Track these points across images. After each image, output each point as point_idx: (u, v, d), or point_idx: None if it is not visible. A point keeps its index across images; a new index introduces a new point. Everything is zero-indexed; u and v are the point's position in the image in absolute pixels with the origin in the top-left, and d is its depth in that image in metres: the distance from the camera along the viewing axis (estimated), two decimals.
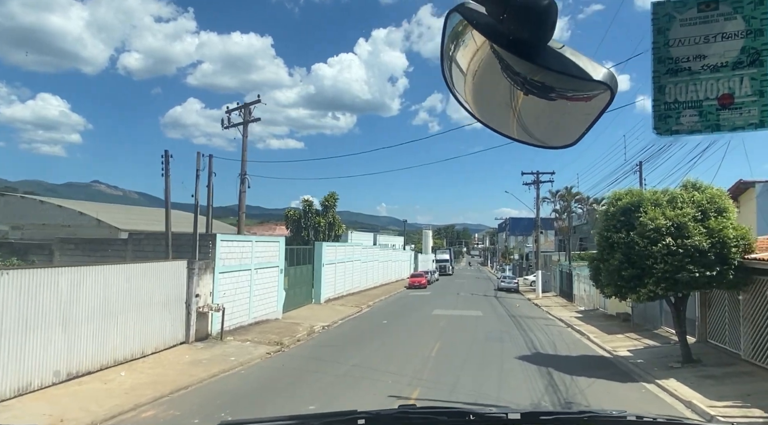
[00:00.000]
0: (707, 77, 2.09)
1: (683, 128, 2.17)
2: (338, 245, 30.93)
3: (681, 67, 2.11)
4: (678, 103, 2.14)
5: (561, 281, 36.65)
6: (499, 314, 25.30)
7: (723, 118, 2.10)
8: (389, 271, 48.85)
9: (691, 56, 2.11)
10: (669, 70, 2.15)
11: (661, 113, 2.20)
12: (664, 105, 2.18)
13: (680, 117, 2.15)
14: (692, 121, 2.13)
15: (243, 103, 19.93)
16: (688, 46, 2.10)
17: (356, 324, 21.32)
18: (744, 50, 2.04)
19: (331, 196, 31.86)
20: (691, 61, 2.10)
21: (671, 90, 2.14)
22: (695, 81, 2.11)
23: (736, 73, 2.05)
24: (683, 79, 2.13)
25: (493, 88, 1.09)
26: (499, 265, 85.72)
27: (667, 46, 2.15)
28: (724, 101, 2.08)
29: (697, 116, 2.11)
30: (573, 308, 28.69)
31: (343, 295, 31.49)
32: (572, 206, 43.89)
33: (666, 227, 11.37)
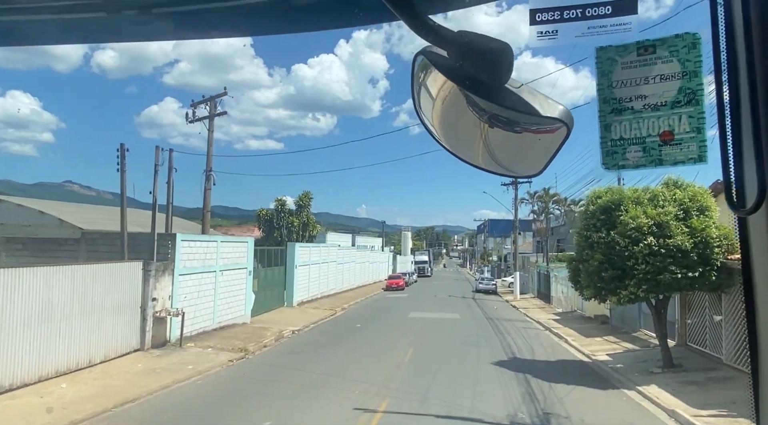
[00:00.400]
0: (649, 116, 2.25)
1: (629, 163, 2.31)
2: (312, 246, 30.01)
3: (624, 107, 2.29)
4: (623, 140, 2.30)
5: (539, 282, 36.41)
6: (476, 316, 24.75)
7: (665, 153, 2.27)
8: (366, 273, 48.07)
9: (633, 96, 2.28)
10: (613, 109, 2.31)
11: (608, 149, 2.34)
12: (611, 142, 2.34)
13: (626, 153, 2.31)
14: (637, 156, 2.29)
15: (209, 97, 18.86)
16: (630, 87, 2.28)
17: (328, 328, 20.47)
18: (681, 90, 2.22)
19: (305, 195, 30.90)
20: (633, 101, 2.27)
21: (616, 128, 2.30)
22: (638, 119, 2.27)
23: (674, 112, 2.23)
24: (627, 117, 2.29)
25: (460, 121, 1.14)
26: (478, 267, 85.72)
27: (611, 88, 2.31)
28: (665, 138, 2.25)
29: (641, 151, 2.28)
30: (551, 310, 28.35)
31: (318, 298, 30.58)
32: (550, 207, 43.80)
33: (647, 226, 10.88)
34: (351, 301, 31.33)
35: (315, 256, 30.24)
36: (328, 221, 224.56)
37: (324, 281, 32.54)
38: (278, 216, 29.71)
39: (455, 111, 1.12)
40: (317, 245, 31.11)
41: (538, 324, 22.67)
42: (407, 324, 21.17)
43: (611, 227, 11.66)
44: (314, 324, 21.13)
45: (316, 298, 30.16)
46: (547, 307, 30.57)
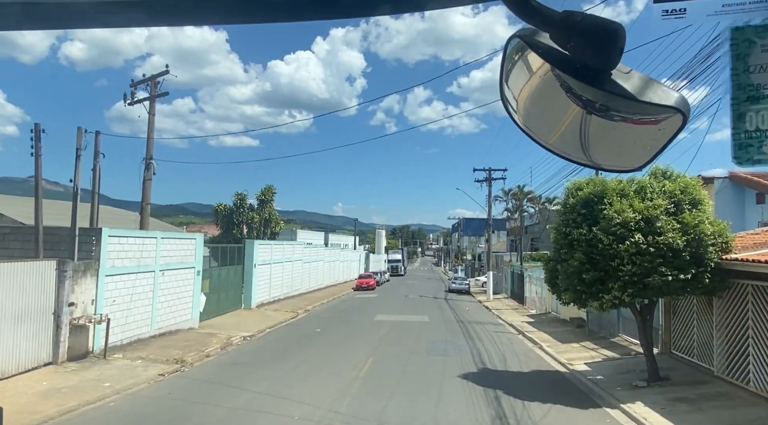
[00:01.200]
0: None
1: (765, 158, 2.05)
2: (275, 244, 28.15)
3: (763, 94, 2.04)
4: (760, 132, 2.05)
5: (512, 282, 35.34)
6: (446, 319, 23.34)
7: None
8: (336, 272, 46.33)
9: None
10: (749, 97, 2.04)
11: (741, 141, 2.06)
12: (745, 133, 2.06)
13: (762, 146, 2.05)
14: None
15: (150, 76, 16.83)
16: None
17: (285, 333, 18.73)
18: None
19: (267, 190, 28.93)
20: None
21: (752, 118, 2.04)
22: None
23: None
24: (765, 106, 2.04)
25: (553, 110, 1.05)
26: (452, 266, 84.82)
27: (748, 73, 2.05)
28: None
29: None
30: (524, 312, 27.20)
31: (280, 299, 28.74)
32: (524, 206, 42.87)
33: (634, 221, 9.54)
34: (317, 302, 29.61)
35: (278, 254, 28.38)
36: (303, 220, 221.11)
37: (288, 281, 30.70)
38: (237, 212, 27.67)
39: (548, 99, 1.02)
40: (280, 243, 29.24)
41: (511, 327, 21.39)
42: (372, 328, 19.59)
43: (593, 222, 10.30)
44: (270, 329, 19.36)
45: (278, 299, 28.31)
46: (520, 308, 29.44)
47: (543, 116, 1.10)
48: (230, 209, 27.61)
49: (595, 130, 1.02)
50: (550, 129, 1.11)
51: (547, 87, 1.00)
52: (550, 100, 1.02)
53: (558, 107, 1.01)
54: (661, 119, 0.95)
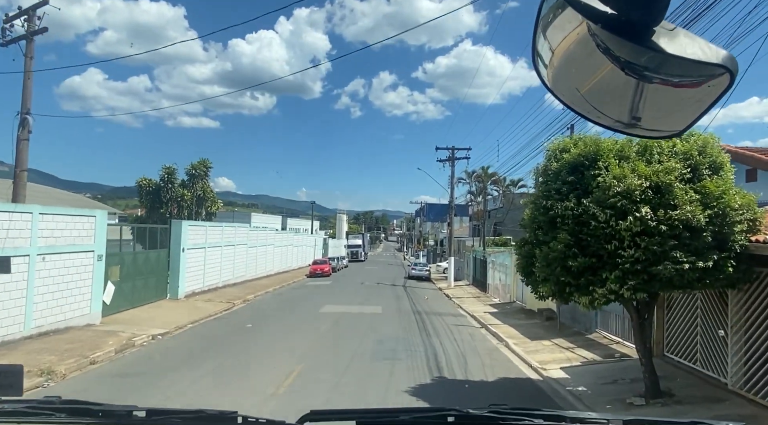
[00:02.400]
0: None
1: None
2: (211, 226, 24.88)
3: None
4: None
5: (474, 268, 33.32)
6: (402, 309, 20.88)
7: None
8: (290, 258, 43.27)
9: None
10: None
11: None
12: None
13: None
14: None
15: (25, 9, 13.23)
16: None
17: (209, 329, 15.76)
18: None
19: (201, 163, 25.41)
20: None
21: None
22: None
23: None
24: None
25: (586, 72, 1.00)
26: (414, 251, 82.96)
27: None
28: None
29: None
30: (487, 301, 25.10)
31: (218, 287, 25.58)
32: (488, 189, 40.88)
33: (640, 190, 7.12)
34: (261, 290, 26.63)
35: (215, 237, 25.13)
36: (265, 204, 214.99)
37: (229, 267, 27.51)
38: (165, 188, 24.12)
39: (582, 59, 0.97)
40: (217, 225, 25.96)
41: (472, 318, 19.13)
42: (314, 322, 16.86)
43: (583, 193, 7.85)
44: (193, 324, 16.34)
45: (215, 288, 25.15)
46: (482, 296, 27.38)
47: (574, 77, 1.04)
48: (157, 186, 24.05)
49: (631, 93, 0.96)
50: (581, 91, 1.05)
51: (581, 47, 0.95)
52: (583, 61, 0.97)
53: (592, 69, 0.96)
54: (704, 80, 0.91)
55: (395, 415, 1.50)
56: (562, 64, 1.01)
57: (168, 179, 23.80)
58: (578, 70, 1.00)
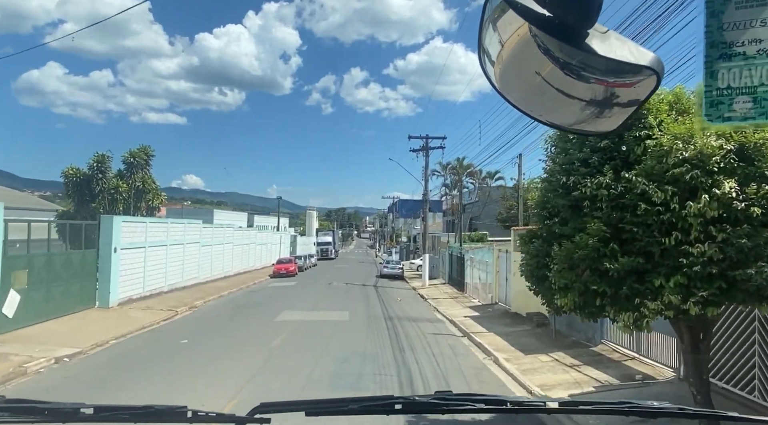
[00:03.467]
0: (763, 62, 1.97)
1: (736, 115, 2.02)
2: (153, 222, 21.73)
3: (735, 52, 2.02)
4: (731, 90, 2.01)
5: (451, 266, 31.09)
6: (372, 315, 18.35)
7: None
8: (252, 256, 40.21)
9: (747, 40, 2.00)
10: (722, 55, 2.04)
11: (713, 99, 2.03)
12: (716, 91, 2.04)
13: (733, 104, 2.01)
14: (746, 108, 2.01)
15: None
16: (743, 29, 2.00)
17: (133, 347, 12.88)
18: None
19: (141, 151, 22.18)
20: (746, 46, 2.00)
21: (724, 76, 2.03)
22: (750, 66, 1.99)
23: None
24: (737, 64, 2.01)
25: (529, 72, 1.04)
26: (386, 248, 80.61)
27: (721, 30, 2.04)
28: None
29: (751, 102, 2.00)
30: (466, 302, 22.83)
31: (163, 292, 22.50)
32: (464, 181, 38.78)
33: (721, 154, 4.76)
34: (214, 294, 23.69)
35: (157, 235, 22.01)
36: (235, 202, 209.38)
37: (177, 268, 24.42)
38: (96, 179, 20.80)
39: (526, 60, 1.01)
40: (161, 221, 22.81)
41: (452, 325, 16.78)
42: (266, 335, 14.16)
43: (624, 164, 5.48)
44: (117, 340, 13.44)
45: (160, 292, 22.07)
46: (460, 297, 25.11)
47: (519, 77, 1.07)
48: (86, 176, 20.72)
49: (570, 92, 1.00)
50: (525, 91, 1.09)
51: (524, 48, 0.97)
52: (526, 62, 1.00)
53: (535, 69, 1.00)
54: (636, 81, 0.95)
55: (344, 404, 1.49)
56: (508, 64, 1.03)
57: (99, 168, 20.51)
58: (523, 70, 1.03)
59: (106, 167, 20.93)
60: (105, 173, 20.86)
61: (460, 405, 1.50)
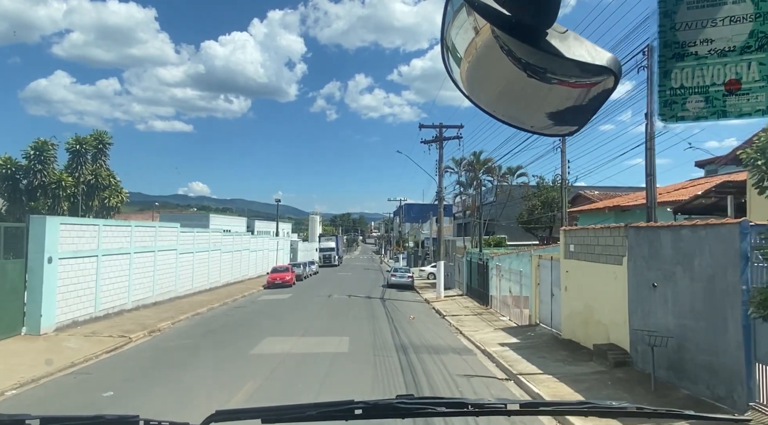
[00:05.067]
0: (714, 62, 2.01)
1: (689, 114, 2.07)
2: (108, 225, 17.70)
3: (687, 52, 2.06)
4: (684, 89, 2.06)
5: (470, 275, 26.87)
6: (379, 344, 14.18)
7: (730, 104, 2.01)
8: (246, 264, 36.22)
9: (698, 41, 2.04)
10: (675, 54, 2.08)
11: (666, 99, 2.08)
12: (670, 91, 2.09)
13: (686, 103, 2.06)
14: (698, 107, 2.06)
15: None
16: (695, 29, 2.03)
17: (33, 401, 8.80)
18: (753, 34, 1.95)
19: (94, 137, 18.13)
20: (697, 46, 2.04)
21: (677, 75, 2.06)
22: (702, 66, 2.04)
23: (743, 58, 1.98)
24: (689, 64, 2.05)
25: (493, 73, 1.04)
26: (393, 254, 76.40)
27: (674, 30, 2.07)
28: (731, 87, 2.00)
29: (703, 102, 2.04)
30: (493, 320, 18.61)
31: (125, 310, 18.48)
32: (481, 178, 34.54)
33: None
34: (189, 312, 19.65)
35: (116, 241, 18.00)
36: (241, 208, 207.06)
37: (145, 281, 20.40)
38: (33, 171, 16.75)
39: (489, 61, 1.00)
40: (121, 224, 18.72)
41: (486, 358, 12.60)
42: (231, 381, 10.05)
43: None
44: (19, 390, 9.42)
45: (119, 311, 18.04)
46: (485, 313, 20.88)
47: (485, 80, 1.06)
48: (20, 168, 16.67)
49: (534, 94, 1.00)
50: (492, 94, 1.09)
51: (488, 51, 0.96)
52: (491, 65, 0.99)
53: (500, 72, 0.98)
54: (595, 81, 0.95)
55: (302, 411, 1.44)
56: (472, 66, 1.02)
57: (38, 158, 16.51)
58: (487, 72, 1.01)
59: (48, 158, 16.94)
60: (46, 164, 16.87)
61: (421, 409, 1.47)
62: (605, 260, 11.25)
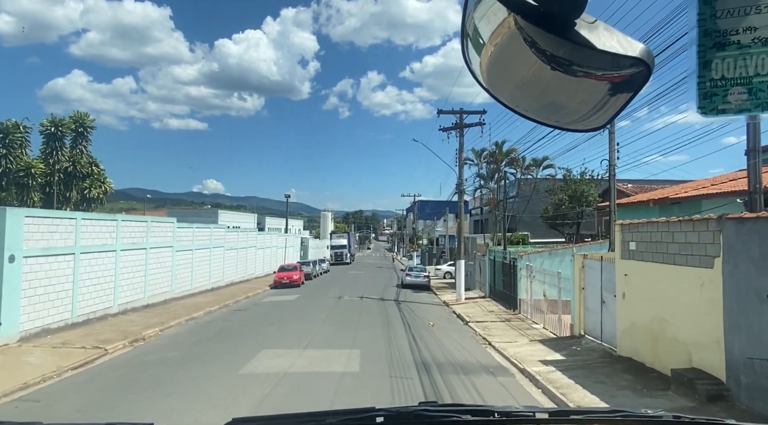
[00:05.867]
0: (758, 51, 1.86)
1: (731, 107, 1.94)
2: (88, 218, 15.67)
3: (729, 41, 1.91)
4: (725, 80, 1.93)
5: (493, 275, 24.46)
6: (396, 359, 11.93)
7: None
8: (252, 262, 34.26)
9: (741, 28, 1.88)
10: (716, 43, 1.92)
11: (706, 90, 1.95)
12: (710, 82, 1.95)
13: (728, 95, 1.94)
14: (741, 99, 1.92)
15: None
16: (738, 17, 1.86)
17: None
18: None
19: (76, 118, 15.99)
20: (740, 34, 1.87)
21: (718, 66, 1.92)
22: (745, 56, 1.89)
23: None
24: (731, 53, 1.90)
25: (515, 65, 0.98)
26: (406, 251, 74.09)
27: (714, 18, 1.90)
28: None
29: (746, 93, 1.91)
30: (525, 328, 16.24)
31: (110, 314, 16.48)
32: (503, 170, 32.01)
33: None
34: (183, 316, 17.63)
35: (98, 237, 15.98)
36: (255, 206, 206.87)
37: (135, 281, 18.41)
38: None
39: (511, 53, 0.95)
40: (105, 218, 16.67)
41: (528, 382, 10.27)
42: (211, 405, 7.88)
43: None
44: None
45: (103, 315, 16.04)
46: (513, 319, 18.49)
47: (507, 74, 1.02)
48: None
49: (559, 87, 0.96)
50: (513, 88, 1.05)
51: (510, 43, 0.93)
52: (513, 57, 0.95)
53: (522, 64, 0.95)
54: (624, 73, 0.91)
55: (321, 418, 1.39)
56: (494, 59, 0.98)
57: (3, 142, 14.43)
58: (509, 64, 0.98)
59: (14, 141, 14.92)
60: (12, 148, 14.86)
61: (445, 417, 1.42)
62: (685, 262, 8.85)
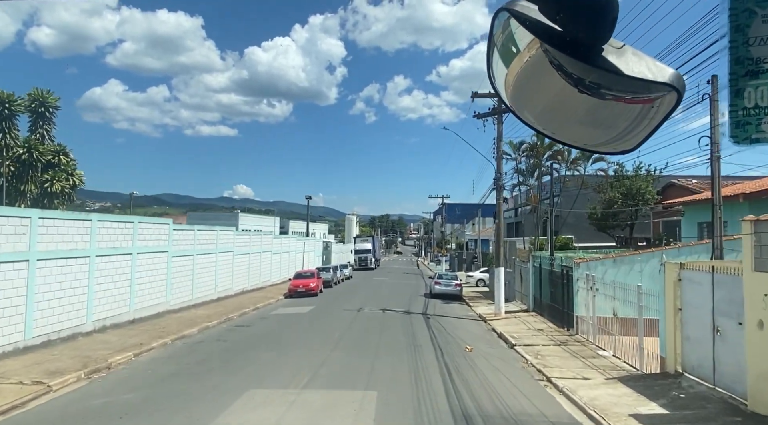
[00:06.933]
0: None
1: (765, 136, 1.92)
2: (48, 217, 12.87)
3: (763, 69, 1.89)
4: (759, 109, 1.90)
5: (538, 285, 20.89)
6: (426, 407, 8.65)
7: None
8: (268, 268, 31.53)
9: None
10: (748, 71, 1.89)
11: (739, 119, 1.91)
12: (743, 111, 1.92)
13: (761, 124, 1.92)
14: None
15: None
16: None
17: None
18: None
19: (35, 97, 13.26)
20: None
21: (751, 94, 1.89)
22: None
23: None
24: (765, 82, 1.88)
25: (541, 88, 0.99)
26: (433, 256, 70.50)
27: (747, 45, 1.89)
28: None
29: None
30: (591, 357, 12.71)
31: (80, 333, 13.74)
32: (546, 167, 28.36)
33: None
34: (172, 335, 14.82)
35: (65, 239, 13.26)
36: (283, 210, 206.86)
37: (118, 292, 15.69)
38: None
39: (537, 76, 0.95)
40: (79, 218, 13.80)
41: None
42: None
43: None
44: None
45: (70, 335, 13.30)
46: (570, 341, 14.94)
47: (532, 94, 1.02)
48: None
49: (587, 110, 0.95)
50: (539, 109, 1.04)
51: (536, 64, 0.93)
52: (539, 79, 0.95)
53: (548, 86, 0.95)
54: (654, 97, 0.90)
55: None
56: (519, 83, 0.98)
57: None
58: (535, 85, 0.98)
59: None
60: None
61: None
62: None
